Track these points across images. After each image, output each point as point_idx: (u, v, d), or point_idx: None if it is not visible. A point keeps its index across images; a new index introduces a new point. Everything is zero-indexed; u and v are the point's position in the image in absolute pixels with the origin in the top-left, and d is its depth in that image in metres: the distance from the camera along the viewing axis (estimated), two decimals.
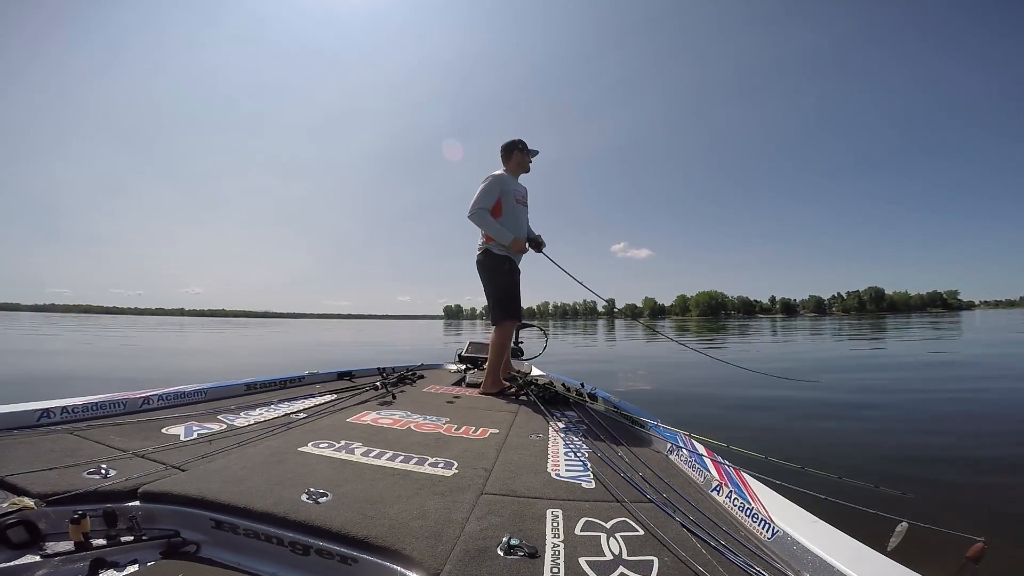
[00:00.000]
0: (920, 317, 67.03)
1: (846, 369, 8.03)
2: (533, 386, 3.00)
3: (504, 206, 3.08)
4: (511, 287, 3.16)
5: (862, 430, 3.99)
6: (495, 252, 3.11)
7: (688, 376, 7.28)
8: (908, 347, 12.40)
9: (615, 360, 10.74)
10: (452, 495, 1.34)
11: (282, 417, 2.22)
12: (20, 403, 1.91)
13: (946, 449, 3.39)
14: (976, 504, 2.46)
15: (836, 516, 1.18)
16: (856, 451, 3.39)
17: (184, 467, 1.48)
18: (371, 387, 2.96)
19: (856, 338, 17.09)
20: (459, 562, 1.00)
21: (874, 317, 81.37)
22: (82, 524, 1.10)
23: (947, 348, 11.74)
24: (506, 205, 3.09)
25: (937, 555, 1.10)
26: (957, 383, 6.25)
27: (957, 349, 11.48)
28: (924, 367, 8.20)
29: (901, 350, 11.59)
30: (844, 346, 13.46)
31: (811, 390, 5.59)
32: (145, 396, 2.30)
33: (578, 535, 1.15)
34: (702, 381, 6.64)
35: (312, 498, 1.24)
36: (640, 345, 14.38)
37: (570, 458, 1.77)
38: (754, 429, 4.01)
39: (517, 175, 3.25)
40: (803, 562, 1.02)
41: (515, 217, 3.13)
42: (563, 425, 2.23)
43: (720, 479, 1.48)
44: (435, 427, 2.12)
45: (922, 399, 5.19)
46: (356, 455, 1.66)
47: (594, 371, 8.06)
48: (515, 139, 3.25)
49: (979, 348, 11.68)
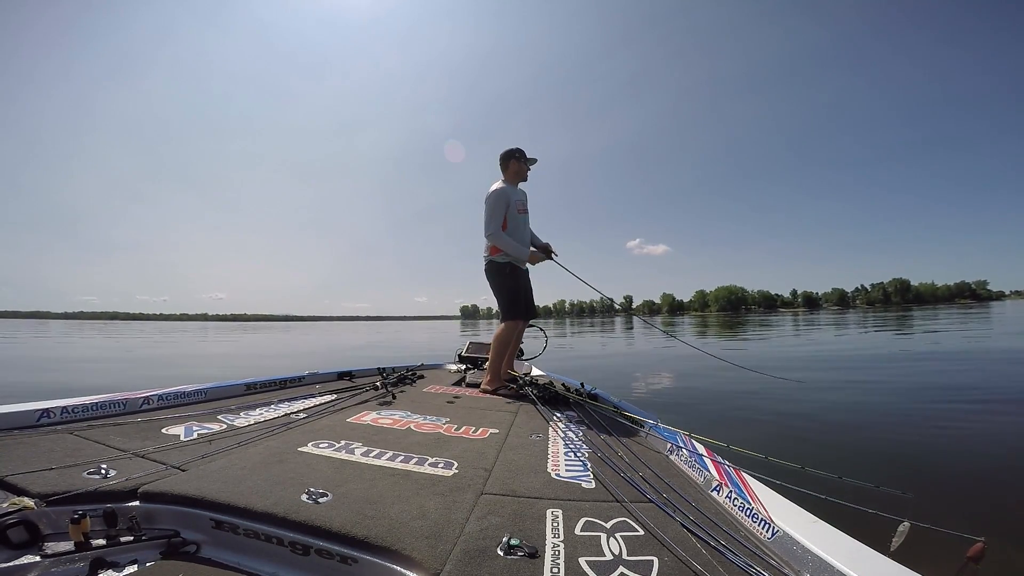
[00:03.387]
0: (947, 309, 66.05)
1: (859, 366, 8.03)
2: (533, 386, 3.00)
3: (508, 218, 3.13)
4: (515, 290, 3.23)
5: (864, 430, 3.99)
6: (497, 261, 3.18)
7: (684, 369, 7.28)
8: (938, 338, 12.20)
9: (630, 356, 10.75)
10: (452, 495, 1.34)
11: (282, 417, 2.22)
12: (20, 403, 1.91)
13: (946, 449, 3.39)
14: (976, 504, 2.46)
15: (836, 516, 1.18)
16: (856, 451, 3.39)
17: (184, 467, 1.48)
18: (371, 387, 2.96)
19: (880, 331, 16.82)
20: (459, 562, 1.00)
21: (900, 310, 79.82)
22: (82, 524, 1.10)
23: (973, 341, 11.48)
24: (509, 217, 3.14)
25: (937, 555, 1.10)
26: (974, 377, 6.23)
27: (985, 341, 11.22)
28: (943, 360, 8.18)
29: (933, 343, 11.43)
30: (865, 339, 13.38)
31: (814, 390, 5.58)
32: (145, 396, 2.30)
33: (578, 535, 1.15)
34: (695, 374, 6.64)
35: (312, 498, 1.24)
36: (657, 341, 14.39)
37: (570, 458, 1.77)
38: (754, 429, 4.01)
39: (516, 183, 3.29)
40: (803, 562, 1.02)
41: (517, 227, 3.19)
42: (563, 425, 2.23)
43: (720, 479, 1.48)
44: (435, 427, 2.12)
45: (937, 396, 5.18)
46: (356, 455, 1.66)
47: (601, 367, 8.08)
48: (512, 148, 3.29)
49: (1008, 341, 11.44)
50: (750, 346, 13.19)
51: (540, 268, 3.47)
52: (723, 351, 10.81)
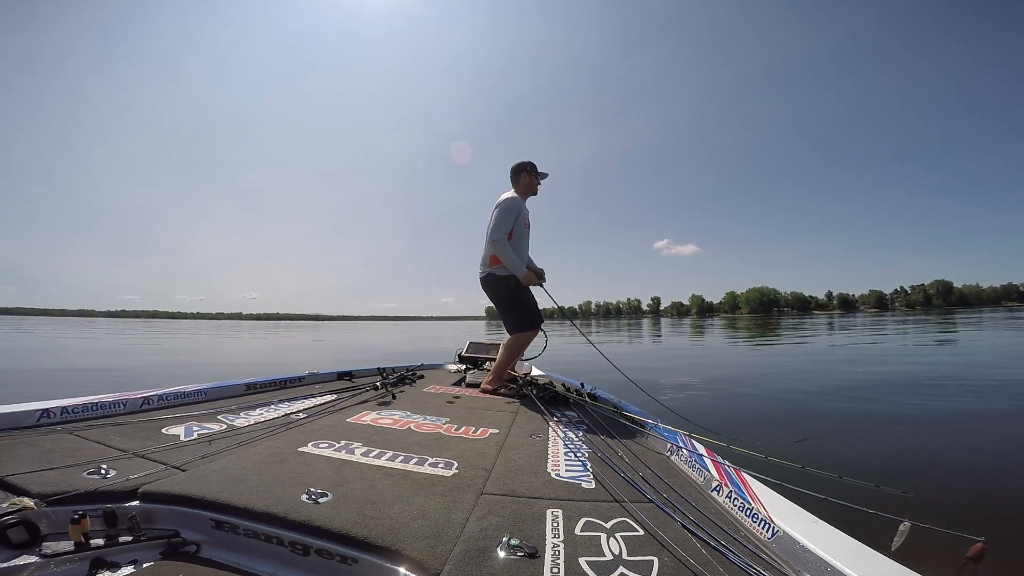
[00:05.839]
0: (993, 312, 64.55)
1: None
2: (533, 386, 3.00)
3: (514, 231, 3.09)
4: (523, 301, 3.17)
5: (866, 429, 3.99)
6: (498, 275, 3.11)
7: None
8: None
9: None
10: (452, 495, 1.34)
11: (282, 417, 2.22)
12: (20, 403, 1.91)
13: (947, 448, 3.39)
14: (976, 504, 2.46)
15: (836, 516, 1.18)
16: (856, 450, 3.39)
17: (184, 467, 1.48)
18: (371, 387, 2.96)
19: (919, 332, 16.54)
20: (459, 562, 1.00)
21: (942, 312, 78.11)
22: (82, 524, 1.10)
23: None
24: (516, 230, 3.10)
25: (937, 555, 1.09)
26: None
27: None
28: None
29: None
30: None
31: (817, 390, 5.58)
32: (145, 396, 2.30)
33: (578, 535, 1.15)
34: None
35: (312, 498, 1.24)
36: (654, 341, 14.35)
37: (570, 458, 1.77)
38: (754, 429, 4.01)
39: (526, 197, 3.25)
40: (803, 562, 1.02)
41: (520, 241, 3.16)
42: (563, 425, 2.23)
43: (720, 479, 1.48)
44: (435, 427, 2.12)
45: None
46: (356, 455, 1.66)
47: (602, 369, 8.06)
48: (525, 161, 3.25)
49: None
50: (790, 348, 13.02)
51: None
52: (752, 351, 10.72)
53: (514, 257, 3.06)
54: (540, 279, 3.29)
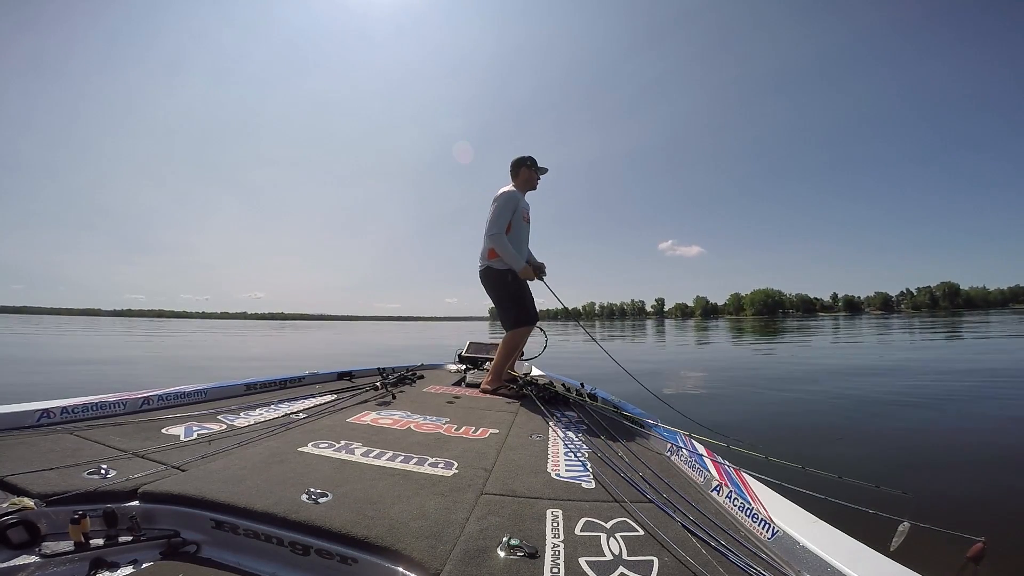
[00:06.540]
0: (1000, 314, 64.04)
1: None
2: (533, 386, 3.00)
3: (512, 224, 3.09)
4: (522, 296, 3.18)
5: (866, 430, 3.99)
6: (497, 268, 3.12)
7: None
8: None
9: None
10: (452, 495, 1.34)
11: (282, 417, 2.22)
12: (20, 403, 1.91)
13: (947, 448, 3.39)
14: (976, 504, 2.46)
15: (836, 516, 1.18)
16: (856, 450, 3.39)
17: (184, 467, 1.48)
18: (371, 387, 2.96)
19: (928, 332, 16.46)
20: (459, 562, 1.00)
21: (948, 315, 78.04)
22: (82, 524, 1.10)
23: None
24: (514, 223, 3.10)
25: (937, 555, 1.10)
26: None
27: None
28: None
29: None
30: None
31: (817, 390, 5.58)
32: (145, 396, 2.30)
33: (578, 535, 1.15)
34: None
35: (312, 498, 1.24)
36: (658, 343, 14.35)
37: (570, 458, 1.77)
38: (754, 429, 4.01)
39: (524, 192, 3.26)
40: (803, 562, 1.02)
41: (519, 235, 3.16)
42: (563, 425, 2.23)
43: (720, 479, 1.48)
44: (435, 427, 2.12)
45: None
46: (356, 455, 1.66)
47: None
48: (524, 156, 3.27)
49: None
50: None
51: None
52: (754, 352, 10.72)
53: (512, 250, 3.06)
54: (540, 273, 3.29)
